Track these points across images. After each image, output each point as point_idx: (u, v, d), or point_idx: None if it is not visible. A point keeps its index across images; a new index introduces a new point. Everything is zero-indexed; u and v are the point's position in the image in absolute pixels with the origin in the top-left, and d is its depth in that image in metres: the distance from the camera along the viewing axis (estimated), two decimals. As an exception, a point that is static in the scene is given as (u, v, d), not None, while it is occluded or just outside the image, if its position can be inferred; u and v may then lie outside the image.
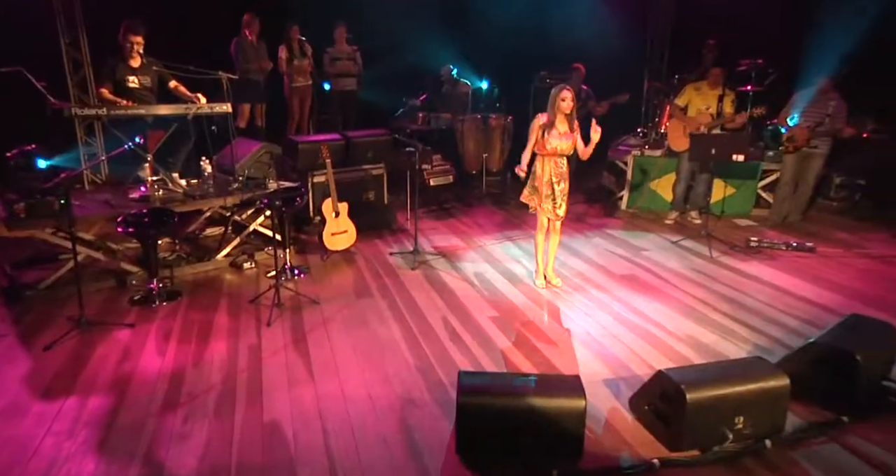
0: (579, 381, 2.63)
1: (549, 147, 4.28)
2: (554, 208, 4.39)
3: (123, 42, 4.91)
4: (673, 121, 6.44)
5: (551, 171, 4.32)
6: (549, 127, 4.26)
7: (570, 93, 4.22)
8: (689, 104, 6.25)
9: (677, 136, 6.33)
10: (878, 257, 5.30)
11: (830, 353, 2.96)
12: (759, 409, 2.69)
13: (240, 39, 6.88)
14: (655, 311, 4.21)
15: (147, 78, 5.02)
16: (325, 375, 3.35)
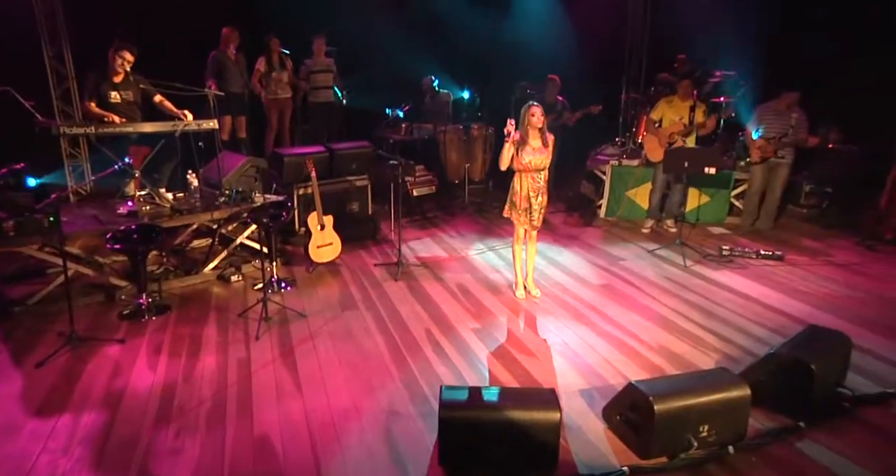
0: (554, 394, 2.79)
1: (524, 163, 4.42)
2: (530, 220, 4.55)
3: (113, 56, 4.97)
4: (649, 134, 6.65)
5: (528, 187, 4.48)
6: (522, 144, 4.40)
7: (538, 109, 4.38)
8: (664, 117, 6.47)
9: (654, 147, 6.54)
10: (842, 265, 5.54)
11: (788, 364, 3.15)
12: (723, 418, 2.88)
13: (218, 53, 6.95)
14: (630, 321, 4.39)
15: (129, 92, 5.09)
16: (313, 388, 3.48)
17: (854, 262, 5.63)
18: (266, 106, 7.41)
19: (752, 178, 6.51)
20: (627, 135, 7.94)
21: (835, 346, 3.33)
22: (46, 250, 4.46)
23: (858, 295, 4.85)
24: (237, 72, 7.01)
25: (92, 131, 4.46)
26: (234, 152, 6.02)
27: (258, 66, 7.22)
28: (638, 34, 8.24)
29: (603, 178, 7.30)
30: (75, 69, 6.98)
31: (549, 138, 4.45)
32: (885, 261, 5.63)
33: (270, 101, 7.37)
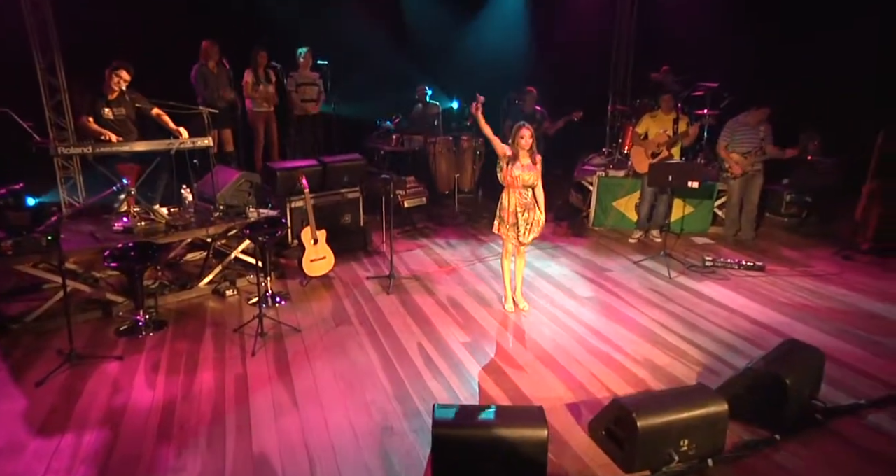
0: (542, 412, 2.92)
1: (514, 175, 4.54)
2: (517, 236, 4.67)
3: (110, 75, 5.06)
4: (636, 146, 6.81)
5: (516, 203, 4.61)
6: (513, 159, 4.55)
7: (528, 130, 4.49)
8: (649, 131, 6.64)
9: (641, 159, 6.71)
10: (820, 276, 5.72)
11: (764, 379, 3.30)
12: (702, 432, 3.02)
13: (200, 67, 7.04)
14: (616, 333, 4.54)
15: (122, 109, 5.18)
16: (309, 404, 3.59)
17: (832, 272, 5.82)
18: (252, 119, 7.49)
19: (731, 192, 6.69)
20: (614, 145, 8.11)
21: (809, 361, 3.49)
22: (42, 267, 4.54)
23: (835, 306, 5.03)
24: (220, 85, 7.08)
25: (89, 151, 4.54)
26: (228, 167, 6.10)
27: (246, 79, 7.31)
28: (623, 47, 8.42)
29: (590, 189, 7.46)
30: (67, 81, 7.03)
31: (538, 158, 4.59)
32: (862, 271, 5.82)
33: (255, 113, 7.46)
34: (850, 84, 7.52)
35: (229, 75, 7.22)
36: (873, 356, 4.17)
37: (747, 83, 7.62)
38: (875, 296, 5.21)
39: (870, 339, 4.41)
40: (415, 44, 8.90)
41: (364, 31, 8.44)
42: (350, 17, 8.51)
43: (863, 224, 6.29)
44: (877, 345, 4.33)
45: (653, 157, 6.61)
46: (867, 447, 3.21)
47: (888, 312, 4.89)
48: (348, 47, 8.16)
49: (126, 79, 5.03)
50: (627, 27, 8.40)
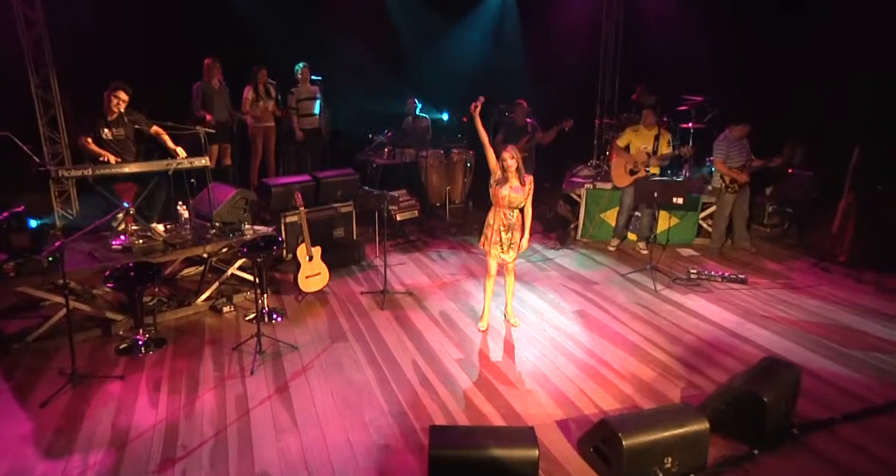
0: (533, 433, 3.07)
1: (501, 195, 4.65)
2: (501, 253, 4.78)
3: (109, 97, 5.14)
4: (616, 159, 6.99)
5: (500, 222, 4.71)
6: (502, 180, 4.67)
7: (508, 153, 4.55)
8: (630, 144, 6.82)
9: (619, 173, 6.91)
10: (800, 288, 5.93)
11: (743, 396, 3.48)
12: (685, 450, 3.19)
13: (203, 84, 7.15)
14: (603, 348, 4.70)
15: (120, 130, 5.27)
16: (308, 423, 3.71)
17: (811, 284, 6.03)
18: (252, 133, 7.62)
19: (723, 205, 6.80)
20: (601, 157, 8.30)
21: (786, 378, 3.66)
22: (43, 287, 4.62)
23: (813, 319, 5.23)
24: (222, 101, 7.21)
25: (89, 173, 4.62)
26: (223, 183, 6.20)
27: (246, 95, 7.42)
28: (610, 61, 8.61)
29: (578, 201, 7.63)
30: (68, 101, 7.11)
31: (527, 178, 4.69)
32: (839, 283, 6.03)
33: (256, 128, 7.58)
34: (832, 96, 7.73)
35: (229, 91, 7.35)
36: (848, 370, 4.36)
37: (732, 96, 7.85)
38: (850, 308, 5.42)
39: (844, 353, 4.61)
40: (405, 58, 9.04)
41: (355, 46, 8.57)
42: (341, 33, 8.64)
43: (839, 237, 6.52)
44: (851, 358, 4.53)
45: (631, 175, 6.80)
46: (840, 462, 3.39)
47: (862, 325, 5.09)
48: (340, 63, 8.29)
49: (124, 99, 5.11)
50: (613, 42, 8.60)
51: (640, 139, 6.79)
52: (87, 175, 4.62)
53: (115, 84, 5.15)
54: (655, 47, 8.75)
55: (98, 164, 4.78)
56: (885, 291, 5.79)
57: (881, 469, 3.33)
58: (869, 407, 3.84)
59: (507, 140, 7.83)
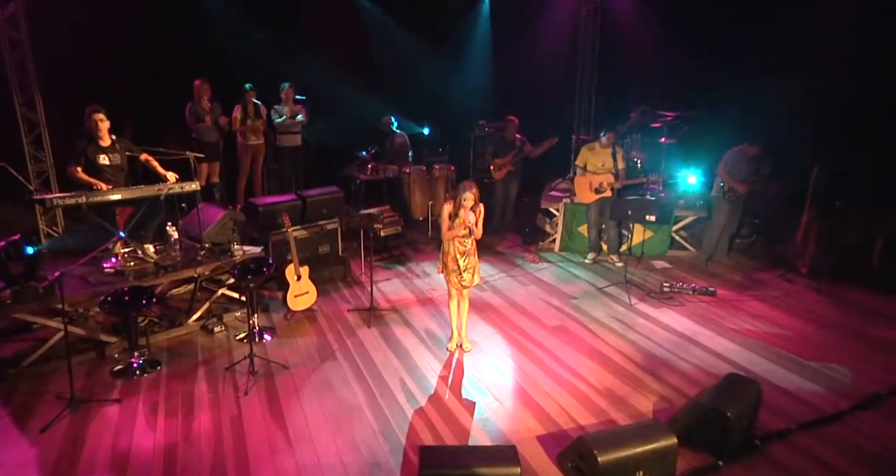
0: (515, 451, 3.31)
1: (453, 234, 4.79)
2: (460, 280, 4.92)
3: (90, 123, 5.25)
4: (578, 177, 7.28)
5: (455, 250, 4.83)
6: (454, 215, 4.76)
7: (471, 193, 4.65)
8: (587, 163, 7.11)
9: (583, 190, 7.22)
10: (765, 300, 6.26)
11: (709, 411, 3.76)
12: (655, 463, 3.45)
13: (194, 105, 7.30)
14: (580, 363, 4.96)
15: (117, 156, 5.38)
16: (302, 443, 3.90)
17: (775, 296, 6.37)
18: (241, 152, 7.78)
19: (719, 212, 7.02)
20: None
21: (748, 393, 3.95)
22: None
23: (775, 331, 5.56)
24: (212, 121, 7.36)
25: (83, 201, 4.74)
26: (212, 204, 6.33)
27: (235, 115, 7.60)
28: (587, 77, 8.90)
29: (556, 215, 7.91)
30: (46, 116, 7.16)
31: (479, 209, 4.75)
32: (800, 295, 6.38)
33: (245, 146, 7.74)
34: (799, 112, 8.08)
35: (218, 112, 7.50)
36: (806, 381, 4.68)
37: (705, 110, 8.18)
38: (809, 320, 5.76)
39: (803, 364, 4.93)
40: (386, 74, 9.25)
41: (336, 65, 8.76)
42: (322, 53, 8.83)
43: (802, 249, 6.88)
44: (809, 369, 4.85)
45: (596, 193, 7.11)
46: (796, 470, 3.69)
47: (819, 336, 5.43)
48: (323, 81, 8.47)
49: (104, 119, 5.21)
50: (590, 57, 8.90)
51: (596, 157, 7.08)
52: (81, 203, 4.74)
53: (89, 109, 5.23)
54: (631, 63, 9.06)
55: (91, 192, 4.89)
56: (842, 303, 6.15)
57: (830, 474, 3.64)
58: (821, 417, 4.16)
59: (497, 154, 8.15)
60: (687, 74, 8.57)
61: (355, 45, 9.28)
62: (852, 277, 6.53)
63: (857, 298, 6.22)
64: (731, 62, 8.45)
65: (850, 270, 6.58)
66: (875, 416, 4.20)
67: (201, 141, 7.34)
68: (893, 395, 4.41)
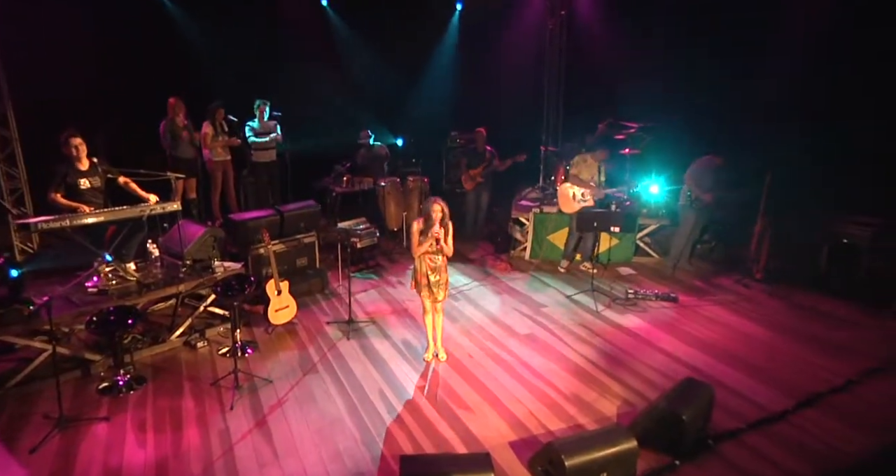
0: (489, 458, 3.58)
1: (422, 249, 4.97)
2: (431, 294, 5.10)
3: (67, 148, 5.35)
4: (563, 187, 7.59)
5: (427, 267, 5.04)
6: (424, 231, 4.96)
7: (439, 205, 4.84)
8: (581, 174, 7.42)
9: (565, 201, 7.53)
10: (722, 304, 6.65)
11: (666, 415, 4.09)
12: (618, 465, 3.76)
13: (168, 122, 7.42)
14: (550, 370, 5.26)
15: (97, 179, 5.49)
16: (288, 455, 4.11)
17: (731, 300, 6.76)
18: (211, 168, 7.92)
19: (686, 221, 7.36)
20: (547, 181, 8.93)
21: (702, 396, 4.29)
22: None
23: (730, 334, 5.94)
24: (188, 138, 7.48)
25: (67, 224, 4.85)
26: (191, 221, 6.46)
27: (205, 131, 7.71)
28: (555, 89, 9.22)
29: (526, 224, 8.21)
30: (20, 132, 7.19)
31: (448, 226, 4.92)
32: (755, 299, 6.79)
33: (215, 163, 7.89)
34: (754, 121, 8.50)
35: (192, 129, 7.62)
36: (755, 382, 5.05)
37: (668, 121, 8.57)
38: (762, 323, 6.16)
39: (754, 366, 5.31)
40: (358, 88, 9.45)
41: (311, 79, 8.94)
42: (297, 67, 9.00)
43: (756, 256, 7.31)
44: (759, 370, 5.23)
45: (577, 202, 7.42)
46: (745, 467, 4.03)
47: (771, 339, 5.83)
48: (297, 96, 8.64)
49: (81, 142, 5.32)
50: (557, 70, 9.23)
51: (589, 169, 7.40)
52: (65, 226, 4.85)
53: (66, 134, 5.34)
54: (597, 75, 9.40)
55: (73, 215, 4.99)
56: (792, 306, 6.58)
57: (776, 471, 3.99)
58: (768, 416, 4.52)
59: (470, 165, 8.42)
60: (648, 86, 8.93)
61: (329, 59, 9.46)
62: (802, 282, 6.97)
63: (806, 302, 6.64)
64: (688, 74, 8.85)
65: (800, 275, 7.03)
66: (817, 414, 4.58)
67: (177, 158, 7.45)
68: (833, 394, 4.81)
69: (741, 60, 8.19)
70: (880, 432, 4.35)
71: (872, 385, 4.95)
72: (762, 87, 8.06)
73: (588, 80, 9.22)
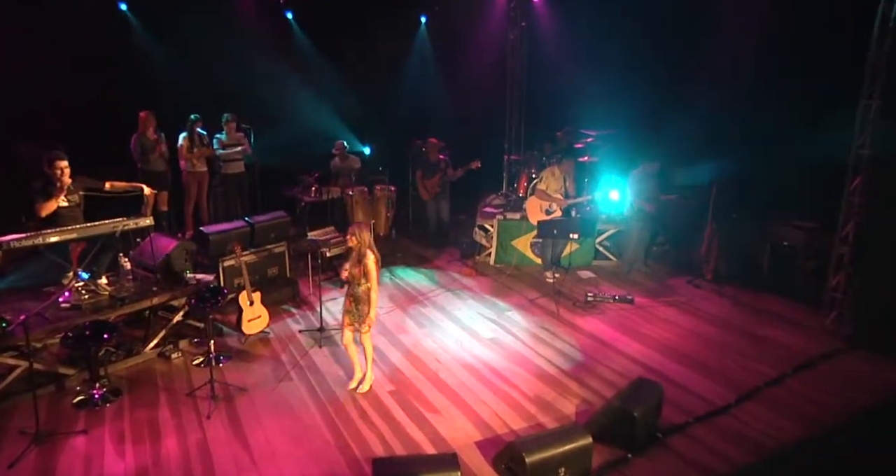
0: (455, 458, 3.86)
1: (344, 267, 5.05)
2: (352, 322, 5.05)
3: (52, 170, 5.38)
4: (532, 198, 7.91)
5: (351, 292, 5.03)
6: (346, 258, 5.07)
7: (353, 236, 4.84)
8: (548, 187, 7.75)
9: (534, 211, 7.85)
10: (674, 304, 7.07)
11: (618, 413, 4.43)
12: (574, 461, 4.08)
13: (139, 135, 7.51)
14: (513, 373, 5.56)
15: (75, 196, 5.56)
16: (266, 462, 4.30)
17: (683, 301, 7.19)
18: (186, 179, 8.02)
19: (632, 230, 7.81)
20: (510, 189, 9.26)
21: (652, 395, 4.65)
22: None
23: (681, 333, 6.35)
24: (158, 152, 7.58)
25: (40, 242, 4.93)
26: (163, 234, 6.57)
27: (182, 143, 7.86)
28: (516, 98, 9.57)
29: (491, 230, 8.52)
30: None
31: (369, 258, 4.88)
32: (705, 299, 7.24)
33: (190, 174, 8.00)
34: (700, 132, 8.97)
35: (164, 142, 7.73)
36: (702, 378, 5.45)
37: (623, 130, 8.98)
38: (711, 322, 6.59)
39: (702, 363, 5.71)
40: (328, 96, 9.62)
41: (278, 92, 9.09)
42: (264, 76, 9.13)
43: (706, 258, 7.77)
44: (706, 367, 5.64)
45: (546, 214, 7.76)
46: (692, 457, 4.40)
47: (717, 336, 6.26)
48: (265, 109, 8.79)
49: (66, 166, 5.37)
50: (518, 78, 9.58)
51: (557, 181, 7.74)
52: (38, 244, 4.93)
53: (51, 156, 5.33)
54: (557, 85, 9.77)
55: (48, 233, 5.05)
56: (739, 305, 7.04)
57: (719, 460, 4.37)
58: (712, 409, 4.92)
59: (425, 176, 8.67)
60: (604, 96, 9.31)
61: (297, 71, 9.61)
62: (748, 282, 7.45)
63: (750, 301, 7.11)
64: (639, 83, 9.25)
65: (746, 276, 7.51)
66: (755, 406, 5.00)
67: (148, 171, 7.53)
68: (769, 387, 5.24)
69: (687, 71, 8.62)
70: (808, 421, 4.78)
71: (803, 378, 5.41)
72: (706, 95, 8.48)
73: (548, 90, 9.58)
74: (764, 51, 7.91)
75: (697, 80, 8.63)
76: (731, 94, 8.26)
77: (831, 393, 5.17)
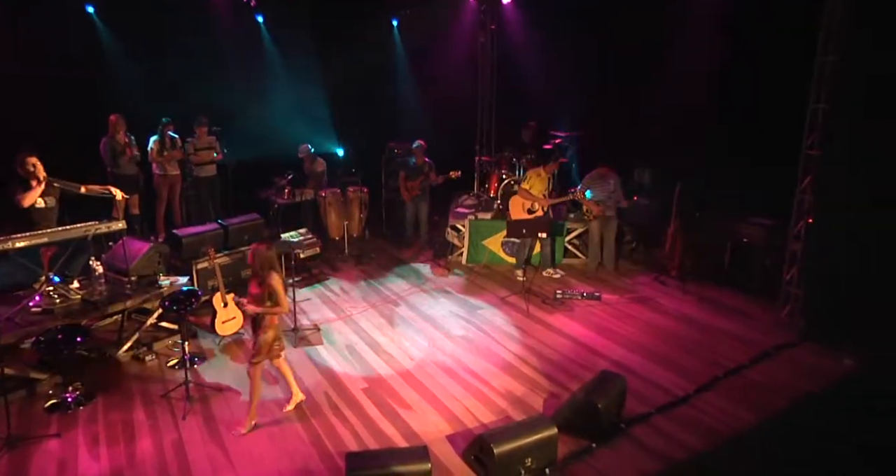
0: (426, 450, 4.00)
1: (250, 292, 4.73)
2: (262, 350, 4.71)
3: (24, 168, 5.38)
4: (515, 197, 8.06)
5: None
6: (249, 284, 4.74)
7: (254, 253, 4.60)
8: (533, 187, 7.91)
9: (517, 211, 8.01)
10: (640, 301, 7.31)
11: (583, 405, 4.62)
12: (540, 451, 4.25)
13: (109, 139, 7.49)
14: (483, 369, 5.72)
15: (52, 198, 5.56)
16: (243, 460, 4.39)
17: (649, 297, 7.44)
18: (157, 182, 8.02)
19: (591, 232, 8.07)
20: (482, 189, 9.44)
21: (615, 387, 4.85)
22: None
23: (646, 328, 6.58)
24: (129, 155, 7.57)
25: (10, 246, 4.93)
26: (134, 237, 6.58)
27: (153, 146, 7.86)
28: (487, 101, 9.75)
29: (462, 230, 8.68)
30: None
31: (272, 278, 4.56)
32: (670, 295, 7.48)
33: (161, 177, 8.00)
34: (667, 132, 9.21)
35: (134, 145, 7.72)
36: (664, 370, 5.68)
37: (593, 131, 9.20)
38: (674, 317, 6.84)
39: (664, 356, 5.94)
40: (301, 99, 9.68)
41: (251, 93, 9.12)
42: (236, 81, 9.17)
43: (670, 255, 8.04)
44: (668, 360, 5.87)
45: (529, 213, 7.92)
46: (653, 446, 4.61)
47: (680, 330, 6.50)
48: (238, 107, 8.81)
49: (36, 161, 5.39)
50: (489, 81, 9.76)
51: (542, 182, 7.90)
52: (9, 248, 4.93)
53: (22, 155, 5.39)
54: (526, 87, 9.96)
55: (21, 237, 5.05)
56: (702, 300, 7.30)
57: (679, 448, 4.59)
58: (673, 400, 5.14)
59: (409, 178, 8.79)
60: (571, 97, 9.53)
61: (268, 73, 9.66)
62: (710, 278, 7.73)
63: (712, 296, 7.38)
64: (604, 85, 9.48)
65: (709, 272, 7.79)
66: (713, 396, 5.24)
67: (118, 175, 7.52)
68: (727, 378, 5.49)
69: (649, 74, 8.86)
70: (761, 409, 5.03)
71: (759, 369, 5.67)
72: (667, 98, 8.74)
73: (518, 91, 9.77)
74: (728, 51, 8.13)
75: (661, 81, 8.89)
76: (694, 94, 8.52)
77: (782, 382, 5.44)
